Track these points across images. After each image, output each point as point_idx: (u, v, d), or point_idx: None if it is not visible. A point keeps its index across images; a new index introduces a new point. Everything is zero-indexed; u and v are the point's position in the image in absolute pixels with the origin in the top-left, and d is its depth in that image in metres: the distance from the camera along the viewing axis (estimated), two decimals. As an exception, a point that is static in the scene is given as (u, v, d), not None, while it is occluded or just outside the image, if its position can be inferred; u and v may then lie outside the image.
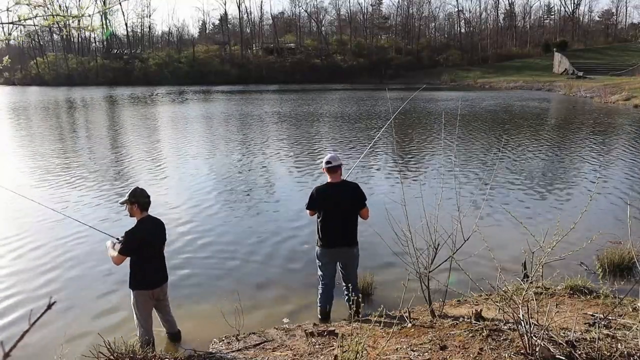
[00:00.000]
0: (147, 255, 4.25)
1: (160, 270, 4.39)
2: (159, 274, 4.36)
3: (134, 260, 4.23)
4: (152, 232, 4.31)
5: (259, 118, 25.00)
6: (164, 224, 4.47)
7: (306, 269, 6.15)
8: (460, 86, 56.22)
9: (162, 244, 4.43)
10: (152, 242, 4.30)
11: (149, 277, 4.27)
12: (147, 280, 4.26)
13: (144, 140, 18.02)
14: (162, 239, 4.43)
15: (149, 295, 4.28)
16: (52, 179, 11.25)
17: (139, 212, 4.27)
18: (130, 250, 4.18)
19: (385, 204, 6.93)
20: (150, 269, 4.28)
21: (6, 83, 70.05)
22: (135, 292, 4.27)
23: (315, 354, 3.78)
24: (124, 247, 4.17)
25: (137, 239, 4.18)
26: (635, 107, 27.88)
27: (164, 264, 4.46)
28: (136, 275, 4.25)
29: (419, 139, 17.33)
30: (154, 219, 4.39)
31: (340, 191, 4.83)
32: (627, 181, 10.82)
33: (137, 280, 4.25)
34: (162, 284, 4.39)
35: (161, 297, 4.41)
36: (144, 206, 4.28)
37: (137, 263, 4.23)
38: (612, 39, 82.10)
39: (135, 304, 4.29)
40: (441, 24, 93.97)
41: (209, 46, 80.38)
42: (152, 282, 4.29)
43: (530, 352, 3.24)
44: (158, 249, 4.38)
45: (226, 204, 9.27)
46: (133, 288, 4.27)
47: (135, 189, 4.31)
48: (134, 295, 4.28)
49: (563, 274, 5.04)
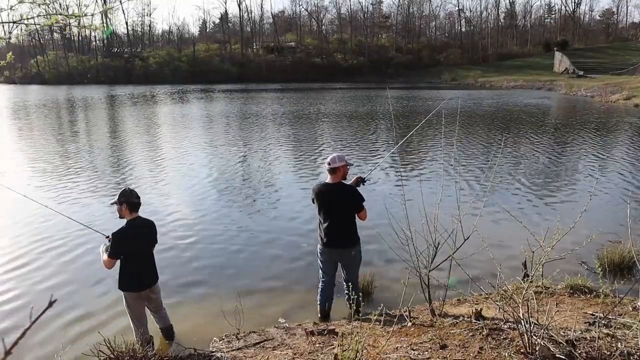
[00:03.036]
0: (136, 256, 4.20)
1: (149, 271, 4.33)
2: (148, 276, 4.31)
3: (122, 261, 4.18)
4: (140, 234, 4.25)
5: (259, 117, 24.99)
6: (154, 225, 4.39)
7: (306, 268, 6.16)
8: (460, 85, 56.17)
9: (151, 245, 4.37)
10: (140, 243, 4.25)
11: (137, 279, 4.23)
12: (135, 281, 4.22)
13: (143, 139, 18.02)
14: (151, 240, 4.36)
15: (138, 296, 4.26)
16: (52, 179, 11.26)
17: (128, 213, 4.20)
18: (119, 252, 4.11)
19: (385, 203, 6.94)
20: (139, 271, 4.24)
21: (7, 82, 69.99)
22: (125, 294, 4.24)
23: (315, 353, 3.78)
24: (112, 249, 4.09)
25: (125, 241, 4.11)
26: (635, 106, 27.85)
27: (154, 265, 4.39)
28: (124, 276, 4.20)
29: (419, 138, 17.33)
30: (144, 220, 4.32)
31: (335, 193, 4.81)
32: (627, 180, 10.81)
33: (125, 282, 4.22)
34: (152, 285, 4.34)
35: (152, 297, 4.37)
36: (133, 207, 4.20)
37: (126, 264, 4.18)
38: (613, 38, 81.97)
39: (126, 305, 4.28)
40: (442, 23, 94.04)
41: (209, 45, 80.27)
42: (141, 284, 4.26)
43: (530, 351, 3.24)
44: (147, 251, 4.33)
45: (226, 204, 9.27)
46: (122, 289, 4.24)
47: (125, 190, 4.26)
48: (124, 296, 4.26)
49: (563, 273, 5.04)
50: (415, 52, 77.64)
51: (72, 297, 5.51)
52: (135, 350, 3.72)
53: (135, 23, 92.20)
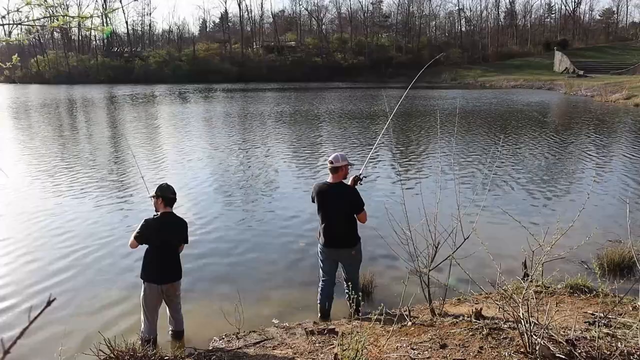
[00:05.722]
0: (159, 249, 4.36)
1: (172, 267, 4.43)
2: (169, 271, 4.41)
3: (147, 251, 4.38)
4: (168, 228, 4.40)
5: (259, 116, 24.98)
6: (184, 224, 4.53)
7: (306, 267, 6.15)
8: (460, 85, 56.15)
9: (178, 242, 4.48)
10: (165, 237, 4.38)
11: (158, 272, 4.35)
12: (155, 274, 4.35)
13: (143, 139, 18.01)
14: (178, 238, 4.47)
15: (157, 289, 4.34)
16: (52, 177, 11.26)
17: (162, 207, 4.43)
18: (142, 238, 4.32)
19: (385, 203, 6.94)
20: (161, 264, 4.36)
21: (7, 81, 69.95)
22: (145, 284, 4.38)
23: (315, 352, 3.78)
24: (138, 232, 4.33)
25: (150, 229, 4.32)
26: (635, 105, 27.84)
27: (178, 263, 4.50)
28: (146, 266, 4.38)
29: (419, 138, 17.33)
30: (176, 217, 4.50)
31: (335, 193, 4.80)
32: (627, 180, 10.81)
33: (146, 272, 4.38)
34: (173, 281, 4.43)
35: (171, 294, 4.45)
36: (167, 202, 4.43)
37: (149, 255, 4.37)
38: (613, 38, 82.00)
39: (143, 295, 4.39)
40: (442, 23, 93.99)
41: (209, 44, 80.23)
42: (160, 277, 4.35)
43: (530, 351, 3.24)
44: (173, 247, 4.44)
45: (225, 203, 9.27)
46: (143, 279, 4.40)
47: (162, 185, 4.51)
48: (143, 286, 4.39)
49: (563, 272, 5.04)
50: (415, 51, 77.58)
51: (72, 295, 5.50)
52: (136, 349, 3.72)
53: (136, 22, 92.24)
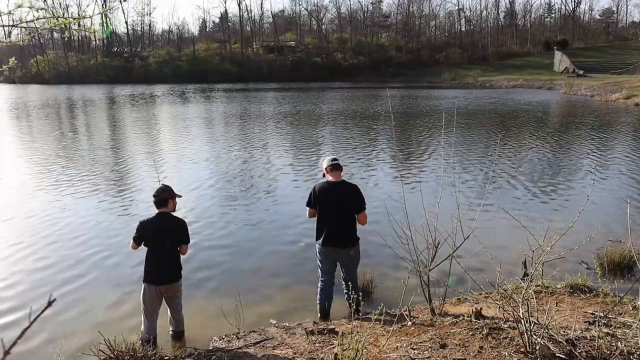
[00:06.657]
0: (155, 250, 4.40)
1: (168, 268, 4.42)
2: (165, 272, 4.40)
3: (146, 252, 4.44)
4: (160, 229, 4.41)
5: (259, 116, 24.97)
6: (182, 224, 4.52)
7: (306, 267, 6.15)
8: (460, 84, 56.15)
9: (172, 243, 4.47)
10: (158, 238, 4.39)
11: (154, 272, 4.38)
12: (152, 274, 4.38)
13: (143, 139, 18.01)
14: (172, 238, 4.46)
15: (155, 290, 4.35)
16: (51, 177, 11.26)
17: (156, 208, 4.51)
18: (137, 238, 4.43)
19: (385, 203, 6.94)
20: (157, 265, 4.38)
21: (6, 81, 69.93)
22: (144, 284, 4.41)
23: (315, 352, 3.78)
24: (135, 234, 4.46)
25: (144, 230, 4.41)
26: (635, 105, 27.84)
27: (175, 263, 4.49)
28: (145, 267, 4.44)
29: (419, 137, 17.33)
30: (171, 217, 4.51)
31: (339, 190, 4.82)
32: (627, 180, 10.81)
33: (145, 272, 4.44)
34: (170, 282, 4.42)
35: (171, 294, 4.47)
36: (155, 204, 4.51)
37: (147, 256, 4.43)
38: (613, 38, 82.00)
39: (142, 296, 4.41)
40: (442, 22, 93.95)
41: (209, 44, 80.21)
42: (157, 278, 4.36)
43: (530, 351, 3.24)
44: (168, 247, 4.43)
45: (225, 203, 9.26)
46: (143, 280, 4.45)
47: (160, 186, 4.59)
48: (143, 286, 4.43)
49: (563, 272, 5.04)
50: (415, 51, 77.61)
51: (72, 295, 5.50)
52: (136, 349, 3.72)
53: (135, 22, 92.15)
